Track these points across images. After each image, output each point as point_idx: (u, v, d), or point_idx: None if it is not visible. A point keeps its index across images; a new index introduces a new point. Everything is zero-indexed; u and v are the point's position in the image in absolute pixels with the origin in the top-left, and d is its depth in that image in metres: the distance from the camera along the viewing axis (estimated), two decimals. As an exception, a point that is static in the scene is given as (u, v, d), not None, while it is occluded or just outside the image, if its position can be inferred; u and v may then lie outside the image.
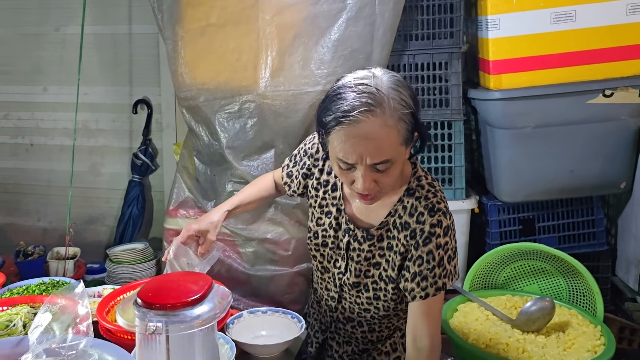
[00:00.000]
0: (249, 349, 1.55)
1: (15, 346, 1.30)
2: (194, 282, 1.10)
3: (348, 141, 1.25)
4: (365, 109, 1.23)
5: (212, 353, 1.11)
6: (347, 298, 1.55)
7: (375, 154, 1.26)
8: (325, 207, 1.54)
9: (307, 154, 1.58)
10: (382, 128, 1.24)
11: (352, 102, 1.24)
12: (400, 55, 2.31)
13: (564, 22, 2.17)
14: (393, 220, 1.43)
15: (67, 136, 3.18)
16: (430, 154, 2.36)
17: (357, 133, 1.24)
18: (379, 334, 1.59)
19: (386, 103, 1.24)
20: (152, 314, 1.03)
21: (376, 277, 1.48)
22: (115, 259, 2.63)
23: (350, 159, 1.27)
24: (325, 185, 1.54)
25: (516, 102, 2.19)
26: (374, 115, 1.23)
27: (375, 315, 1.54)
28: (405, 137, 1.29)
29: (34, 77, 3.22)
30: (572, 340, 1.86)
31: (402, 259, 1.41)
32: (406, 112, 1.27)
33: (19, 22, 3.20)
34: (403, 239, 1.40)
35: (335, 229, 1.51)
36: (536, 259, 2.17)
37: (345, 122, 1.24)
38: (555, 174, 2.24)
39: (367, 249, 1.47)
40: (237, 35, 2.19)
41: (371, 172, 1.29)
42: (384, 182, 1.32)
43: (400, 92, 1.27)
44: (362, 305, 1.53)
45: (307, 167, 1.57)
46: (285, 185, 1.65)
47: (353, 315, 1.57)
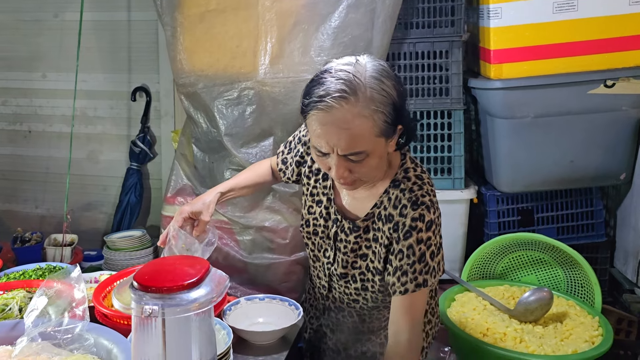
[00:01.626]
0: (246, 335, 1.55)
1: (11, 329, 1.30)
2: (190, 266, 1.10)
3: (320, 128, 1.23)
4: (339, 95, 1.20)
5: (208, 337, 1.11)
6: (337, 288, 1.54)
7: (346, 145, 1.23)
8: (317, 196, 1.53)
9: (301, 141, 1.57)
10: (356, 117, 1.21)
11: (327, 88, 1.22)
12: (400, 43, 2.29)
13: (566, 12, 2.15)
14: (378, 212, 1.41)
15: (66, 123, 3.17)
16: (430, 143, 2.35)
17: (329, 120, 1.22)
18: (369, 325, 1.58)
19: (362, 92, 1.21)
20: (148, 297, 1.02)
21: (363, 268, 1.46)
22: (113, 245, 2.63)
23: (323, 147, 1.26)
24: (316, 173, 1.53)
25: (517, 92, 2.18)
26: (347, 103, 1.20)
27: (364, 306, 1.53)
28: (383, 129, 1.25)
29: (32, 63, 3.20)
30: (569, 331, 1.86)
31: (386, 251, 1.39)
32: (386, 102, 1.23)
33: (17, 8, 3.18)
34: (387, 231, 1.38)
35: (325, 218, 1.51)
36: (534, 250, 2.16)
37: (318, 106, 1.22)
38: (554, 164, 2.23)
39: (353, 240, 1.45)
40: (237, 21, 2.17)
41: (345, 162, 1.27)
42: (360, 172, 1.30)
43: (381, 82, 1.23)
44: (351, 296, 1.52)
45: (300, 154, 1.57)
46: (280, 172, 1.65)
47: (343, 305, 1.57)
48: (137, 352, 1.06)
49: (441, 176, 2.35)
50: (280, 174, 1.65)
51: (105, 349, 1.25)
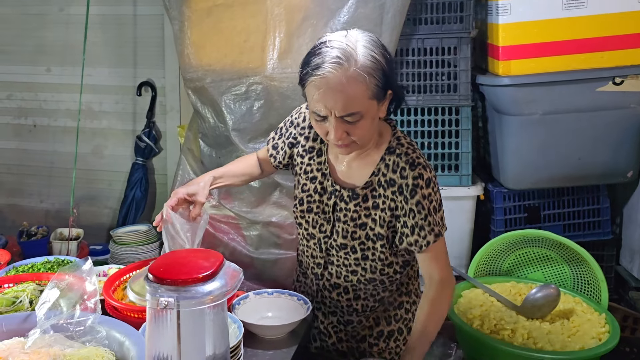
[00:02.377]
0: (255, 329, 1.54)
1: (22, 322, 1.30)
2: (205, 259, 1.09)
3: (319, 93, 1.33)
4: (334, 61, 1.31)
5: (221, 330, 1.10)
6: (335, 262, 1.59)
7: (343, 106, 1.33)
8: (310, 173, 1.59)
9: (294, 124, 1.64)
10: (350, 81, 1.31)
11: (324, 57, 1.33)
12: (409, 39, 2.29)
13: (575, 9, 2.15)
14: (377, 179, 1.49)
15: (71, 117, 3.17)
16: (437, 139, 2.35)
17: (326, 85, 1.32)
18: (363, 302, 1.61)
19: (355, 58, 1.32)
20: (164, 289, 1.02)
21: (363, 237, 1.52)
22: (119, 240, 2.63)
23: (321, 111, 1.35)
24: (310, 151, 1.59)
25: (525, 89, 2.17)
26: (342, 68, 1.31)
27: (361, 279, 1.57)
28: (375, 92, 1.35)
29: (37, 57, 3.20)
30: (576, 328, 1.86)
31: (391, 215, 1.48)
32: (376, 68, 1.33)
33: (22, 2, 3.18)
34: (391, 195, 1.46)
35: (321, 193, 1.56)
36: (541, 247, 2.17)
37: (316, 73, 1.32)
38: (562, 161, 2.23)
39: (352, 208, 1.51)
40: (245, 16, 2.17)
41: (342, 124, 1.36)
42: (356, 134, 1.38)
43: (371, 50, 1.34)
44: (350, 267, 1.57)
45: (293, 136, 1.63)
46: (270, 157, 1.69)
47: (339, 281, 1.60)
48: (151, 343, 1.06)
49: (448, 173, 2.35)
50: (270, 159, 1.69)
51: (117, 342, 1.24)
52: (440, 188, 2.35)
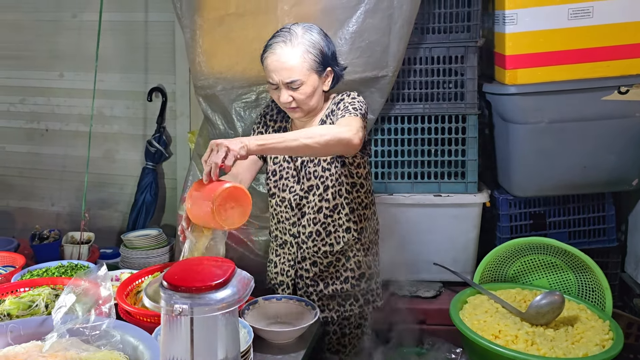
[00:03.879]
0: (264, 334, 1.58)
1: (39, 325, 1.34)
2: (217, 267, 1.13)
3: (269, 65, 1.74)
4: (279, 40, 1.74)
5: (233, 336, 1.14)
6: (306, 211, 1.88)
7: (287, 74, 1.72)
8: None
9: (264, 115, 1.98)
10: (291, 54, 1.71)
11: (274, 37, 1.76)
12: (416, 48, 2.32)
13: (581, 18, 2.17)
14: (322, 119, 1.85)
15: (82, 122, 3.22)
16: (444, 147, 2.37)
17: (274, 58, 1.73)
18: (335, 236, 1.89)
19: (294, 37, 1.73)
20: (178, 296, 1.06)
21: (320, 171, 1.84)
22: (130, 244, 2.67)
23: (273, 79, 1.74)
24: (279, 129, 1.93)
25: (531, 98, 2.20)
26: (285, 44, 1.72)
27: (327, 213, 1.87)
28: (313, 65, 1.74)
29: (50, 62, 3.25)
30: (580, 334, 1.88)
31: None
32: (314, 47, 1.73)
33: (36, 8, 3.23)
34: (330, 120, 1.82)
35: (289, 160, 1.89)
36: (546, 254, 2.18)
37: (267, 50, 1.76)
38: (567, 169, 2.25)
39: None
40: (256, 25, 2.20)
41: (287, 89, 1.74)
42: (298, 98, 1.75)
43: (311, 33, 1.75)
44: (316, 206, 1.86)
45: (265, 123, 1.96)
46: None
47: (311, 228, 1.88)
48: (165, 348, 1.10)
49: (455, 180, 2.38)
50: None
51: (131, 346, 1.28)
52: (447, 195, 2.39)
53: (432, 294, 2.35)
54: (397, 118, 2.37)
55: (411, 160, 2.39)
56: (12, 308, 1.48)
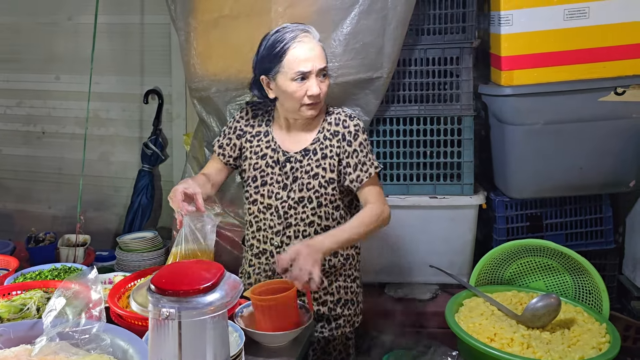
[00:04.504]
0: (258, 337, 1.57)
1: (29, 329, 1.33)
2: (206, 270, 1.12)
3: (301, 55, 1.69)
4: (305, 31, 1.72)
5: (222, 340, 1.13)
6: (292, 222, 1.81)
7: (319, 61, 1.71)
8: (260, 152, 1.84)
9: (236, 120, 1.91)
10: (317, 44, 1.73)
11: (292, 31, 1.72)
12: (411, 49, 2.31)
13: (577, 19, 2.16)
14: (323, 135, 1.81)
15: (78, 125, 3.21)
16: (440, 149, 2.36)
17: (305, 47, 1.70)
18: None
19: (311, 30, 1.73)
20: (165, 300, 1.05)
21: (317, 186, 1.79)
22: (125, 247, 2.66)
23: (306, 67, 1.69)
24: (257, 135, 1.87)
25: (527, 99, 2.19)
26: (310, 34, 1.73)
27: (317, 229, 1.80)
28: (326, 59, 1.75)
29: (46, 65, 3.26)
30: (577, 337, 1.87)
31: (338, 160, 1.79)
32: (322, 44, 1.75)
33: (32, 11, 3.23)
34: (336, 143, 1.79)
35: (272, 166, 1.83)
36: (543, 256, 2.17)
37: (295, 40, 1.70)
38: (564, 171, 2.24)
39: (306, 162, 1.79)
40: (250, 27, 2.20)
41: (318, 79, 1.71)
42: (324, 90, 1.74)
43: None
44: (307, 219, 1.80)
45: (240, 128, 1.89)
46: (219, 156, 1.89)
47: (298, 241, 1.79)
48: (153, 353, 1.09)
49: (450, 182, 2.37)
50: (219, 159, 1.90)
51: (121, 349, 1.27)
52: (442, 197, 2.38)
53: (428, 296, 2.34)
54: (392, 120, 2.36)
55: (407, 162, 2.38)
56: (3, 311, 1.47)
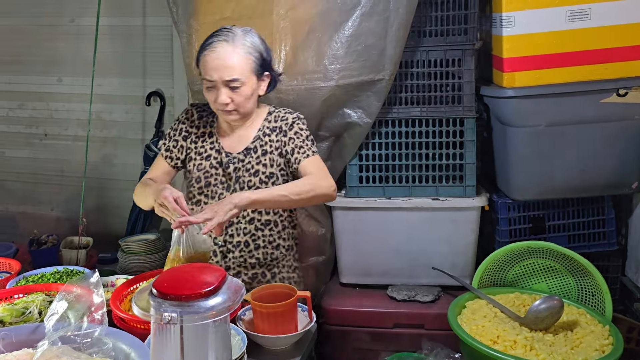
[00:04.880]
0: (260, 340, 1.57)
1: (31, 333, 1.33)
2: (208, 274, 1.12)
3: (209, 63, 1.73)
4: (221, 38, 1.74)
5: (224, 343, 1.13)
6: (234, 221, 1.85)
7: (228, 72, 1.72)
8: (204, 153, 1.89)
9: (181, 121, 1.96)
10: (232, 54, 1.72)
11: (212, 37, 1.76)
12: (413, 51, 2.31)
13: (579, 20, 2.15)
14: (263, 132, 1.88)
15: (81, 127, 3.22)
16: (442, 150, 2.36)
17: (215, 56, 1.73)
18: (263, 250, 1.89)
19: (236, 37, 1.74)
20: (167, 304, 1.05)
21: (257, 183, 1.84)
22: (127, 249, 2.66)
23: (212, 76, 1.73)
24: (202, 135, 1.92)
25: (529, 100, 2.18)
26: (226, 43, 1.73)
27: (258, 225, 1.87)
28: (253, 67, 1.76)
29: (48, 67, 3.26)
30: (580, 339, 1.86)
31: (278, 154, 1.86)
32: (253, 49, 1.76)
33: (34, 13, 3.24)
34: (275, 137, 1.86)
35: (216, 167, 1.87)
36: (545, 258, 2.17)
37: (207, 48, 1.75)
38: (566, 172, 2.23)
39: (247, 160, 1.85)
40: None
41: (226, 89, 1.74)
42: (237, 100, 1.76)
43: (252, 35, 1.79)
44: (248, 216, 1.86)
45: (185, 129, 1.94)
46: (167, 159, 1.94)
47: (240, 238, 1.86)
48: (155, 357, 1.09)
49: (453, 183, 2.37)
50: (167, 162, 1.93)
51: (123, 353, 1.27)
52: (444, 199, 2.38)
53: (430, 298, 2.33)
54: (395, 122, 2.36)
55: (409, 164, 2.38)
56: (5, 315, 1.48)
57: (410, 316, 2.30)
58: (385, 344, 2.31)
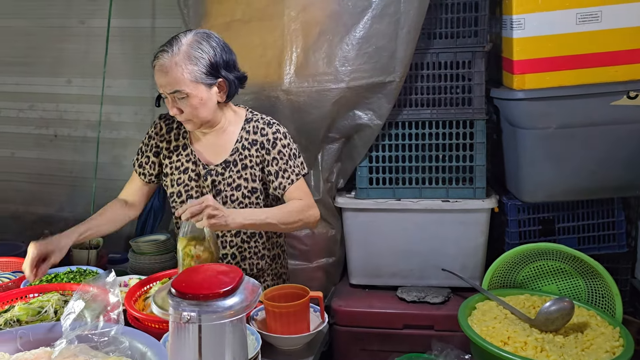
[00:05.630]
0: (273, 340, 1.58)
1: (48, 331, 1.35)
2: (225, 274, 1.13)
3: (155, 75, 1.69)
4: (162, 49, 1.68)
5: (241, 343, 1.14)
6: (219, 233, 1.82)
7: (168, 84, 1.66)
8: (181, 166, 1.85)
9: (151, 136, 1.92)
10: (173, 65, 1.65)
11: (160, 47, 1.70)
12: (423, 53, 2.32)
13: (590, 23, 2.16)
14: (241, 144, 1.81)
15: (90, 128, 3.23)
16: (452, 152, 2.36)
17: (158, 68, 1.67)
18: (250, 262, 1.87)
19: (178, 47, 1.66)
20: (186, 303, 1.06)
21: (240, 197, 1.80)
22: (138, 249, 2.67)
23: (159, 88, 1.70)
24: (176, 149, 1.86)
25: (539, 103, 2.19)
26: (167, 54, 1.66)
27: (244, 238, 1.84)
28: (198, 76, 1.67)
29: (58, 69, 3.27)
30: (590, 341, 1.86)
31: (260, 169, 1.80)
32: (200, 57, 1.67)
33: (44, 15, 3.25)
34: (255, 152, 1.79)
35: (195, 179, 1.83)
36: (555, 260, 2.17)
37: (154, 59, 1.69)
38: (576, 175, 2.24)
39: (227, 174, 1.80)
40: (262, 31, 2.21)
41: (173, 100, 1.70)
42: (187, 110, 1.70)
43: (199, 43, 1.69)
44: (233, 230, 1.81)
45: (155, 145, 1.90)
46: (140, 175, 1.93)
47: (225, 250, 1.85)
48: (173, 356, 1.10)
49: (462, 185, 2.37)
50: (140, 178, 1.93)
51: (139, 352, 1.28)
52: (454, 201, 2.38)
53: (440, 299, 2.34)
54: (405, 123, 2.37)
55: (419, 166, 2.39)
56: (22, 314, 1.49)
57: (420, 317, 2.31)
58: (395, 345, 2.32)
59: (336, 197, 2.42)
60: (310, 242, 2.34)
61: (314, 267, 2.32)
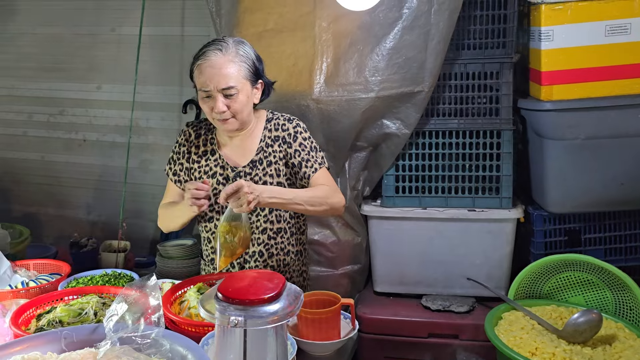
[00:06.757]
0: (305, 346, 1.60)
1: (91, 333, 1.37)
2: (269, 280, 1.16)
3: (204, 72, 1.73)
4: (213, 47, 1.75)
5: (282, 349, 1.17)
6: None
7: (223, 81, 1.72)
8: (210, 171, 1.90)
9: (181, 144, 1.96)
10: (226, 62, 1.73)
11: (205, 47, 1.77)
12: (451, 64, 2.34)
13: (619, 35, 2.17)
14: (265, 142, 1.87)
15: (118, 133, 3.30)
16: (479, 162, 2.38)
17: (209, 64, 1.73)
18: (277, 258, 1.91)
19: (228, 47, 1.76)
20: (232, 308, 1.09)
21: None
22: (166, 253, 2.72)
23: (208, 86, 1.73)
24: (204, 154, 1.92)
25: (567, 114, 2.19)
26: (220, 52, 1.74)
27: (271, 235, 1.89)
28: (247, 74, 1.77)
29: (88, 75, 3.35)
30: (618, 354, 1.86)
31: (284, 163, 1.86)
32: (246, 57, 1.77)
33: (76, 22, 3.33)
34: (278, 147, 1.86)
35: (224, 183, 1.87)
36: (582, 271, 2.17)
37: (200, 58, 1.75)
38: (604, 186, 2.24)
39: (254, 173, 1.86)
40: (294, 41, 2.25)
41: (222, 97, 1.74)
42: (234, 107, 1.75)
43: (243, 45, 1.80)
44: (261, 227, 1.88)
45: (186, 151, 1.95)
46: (176, 183, 1.97)
47: (254, 248, 1.88)
48: (218, 358, 1.13)
49: (489, 195, 2.38)
50: (177, 185, 1.97)
51: (179, 355, 1.30)
52: (480, 210, 2.39)
53: (465, 309, 2.34)
54: (432, 133, 2.39)
55: (445, 175, 2.41)
56: (64, 315, 1.53)
57: (445, 326, 2.32)
58: (420, 354, 2.33)
59: (362, 205, 2.44)
60: (336, 249, 2.36)
61: (339, 274, 2.35)
